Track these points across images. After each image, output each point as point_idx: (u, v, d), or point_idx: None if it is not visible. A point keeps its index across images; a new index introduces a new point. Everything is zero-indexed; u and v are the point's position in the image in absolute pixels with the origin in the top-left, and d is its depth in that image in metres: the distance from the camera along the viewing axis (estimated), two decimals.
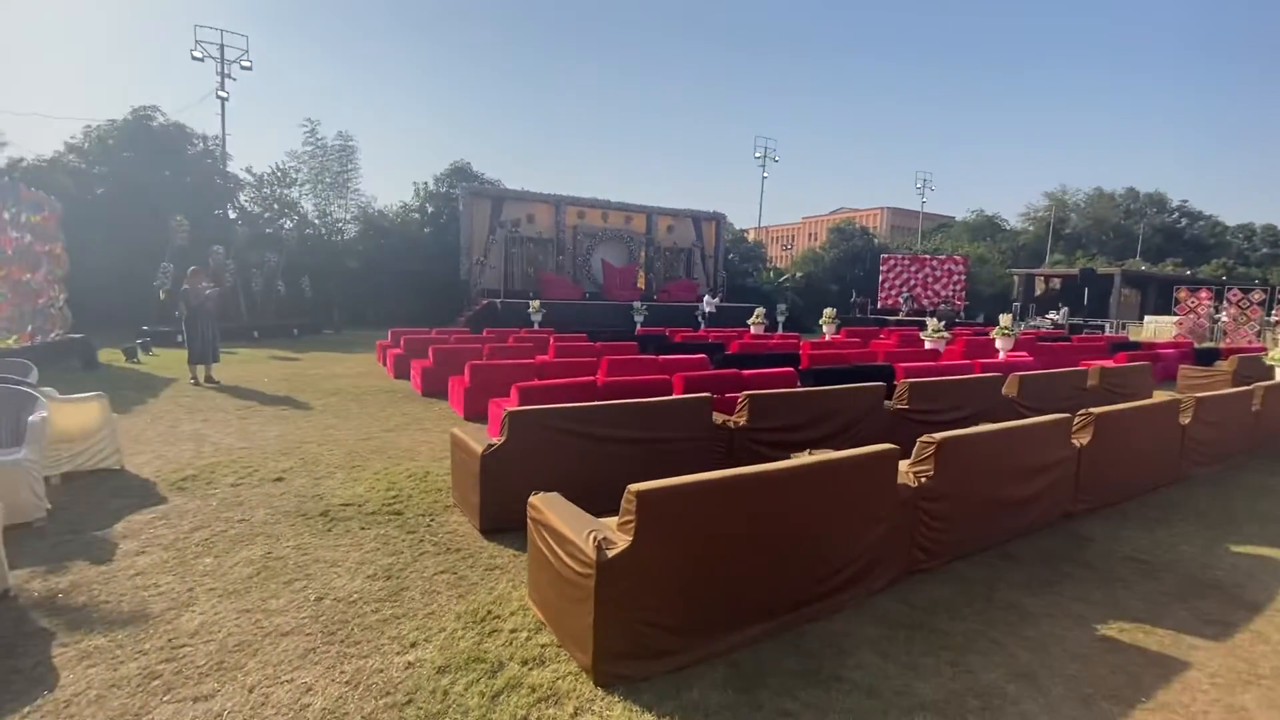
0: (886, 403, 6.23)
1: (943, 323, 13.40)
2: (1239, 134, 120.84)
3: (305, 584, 3.56)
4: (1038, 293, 39.48)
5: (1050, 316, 28.65)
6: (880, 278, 31.80)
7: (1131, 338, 22.37)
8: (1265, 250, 66.83)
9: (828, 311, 19.03)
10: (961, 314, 29.97)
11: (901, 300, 29.38)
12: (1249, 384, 8.70)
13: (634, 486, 2.68)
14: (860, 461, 3.36)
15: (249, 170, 25.45)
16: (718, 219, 32.80)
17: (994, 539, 4.16)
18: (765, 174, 36.77)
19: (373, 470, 5.65)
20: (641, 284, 30.17)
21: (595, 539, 2.70)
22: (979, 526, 4.04)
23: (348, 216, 27.61)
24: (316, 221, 26.48)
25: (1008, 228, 72.13)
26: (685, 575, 2.81)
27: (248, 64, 24.35)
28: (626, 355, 9.65)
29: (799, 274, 34.78)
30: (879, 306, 31.78)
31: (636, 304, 23.87)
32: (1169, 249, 66.83)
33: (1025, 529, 4.38)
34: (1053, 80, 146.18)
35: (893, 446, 3.49)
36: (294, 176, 25.61)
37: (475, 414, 7.73)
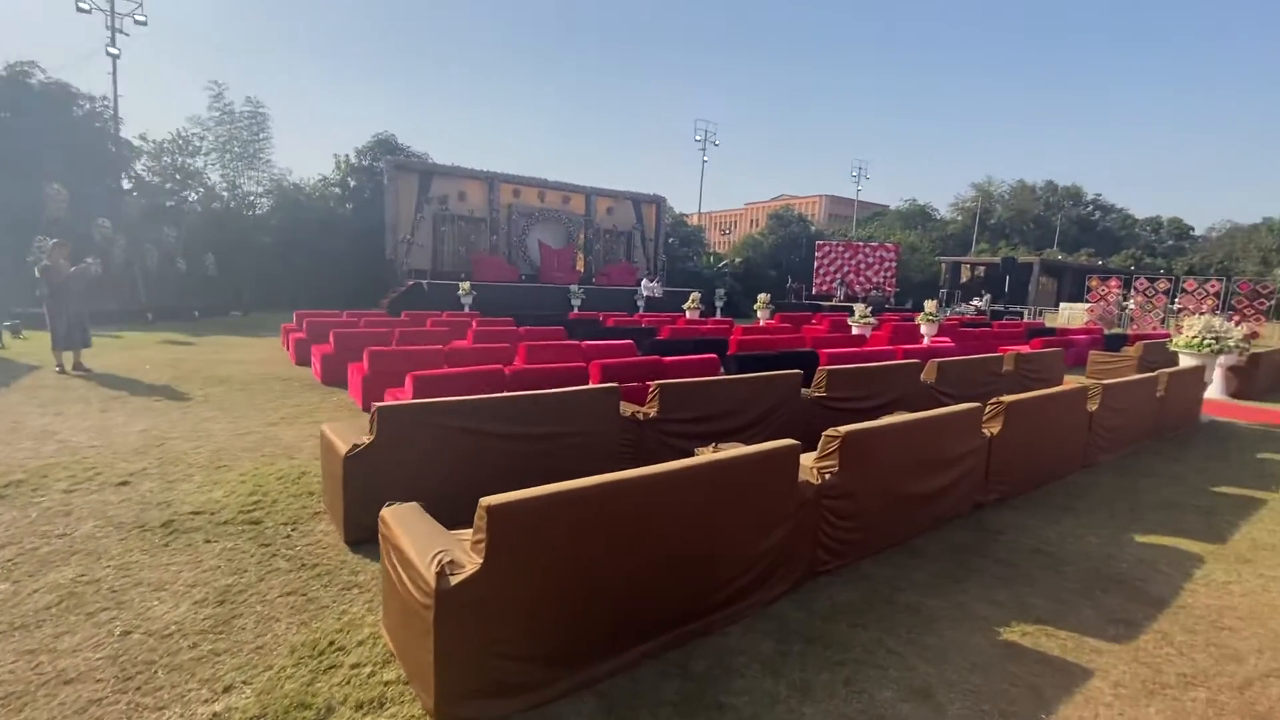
0: (805, 390, 6.02)
1: (870, 308, 13.49)
2: (1152, 131, 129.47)
3: (114, 614, 2.98)
4: (964, 280, 41.13)
5: (974, 303, 29.81)
6: (815, 264, 32.26)
7: (1047, 324, 23.48)
8: (1170, 242, 71.95)
9: (762, 297, 19.04)
10: (892, 300, 30.78)
11: (835, 286, 29.88)
12: (1154, 369, 9.04)
13: (486, 500, 2.26)
14: (757, 460, 3.05)
15: (144, 137, 23.22)
16: (658, 202, 32.42)
17: (902, 535, 3.97)
18: (705, 158, 36.66)
19: (239, 471, 5.00)
20: (580, 267, 29.57)
21: (439, 562, 2.28)
22: (887, 523, 3.83)
23: (260, 190, 25.69)
24: (225, 194, 24.48)
25: (938, 217, 75.00)
26: (550, 598, 2.42)
27: (142, 18, 22.07)
28: (550, 341, 9.16)
29: (738, 259, 34.91)
30: (814, 292, 32.30)
31: (574, 287, 23.31)
32: (1084, 240, 71.05)
33: (935, 522, 4.23)
34: (984, 74, 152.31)
35: (793, 443, 3.20)
36: (198, 145, 23.52)
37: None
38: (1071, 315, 30.32)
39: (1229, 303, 24.16)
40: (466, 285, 20.34)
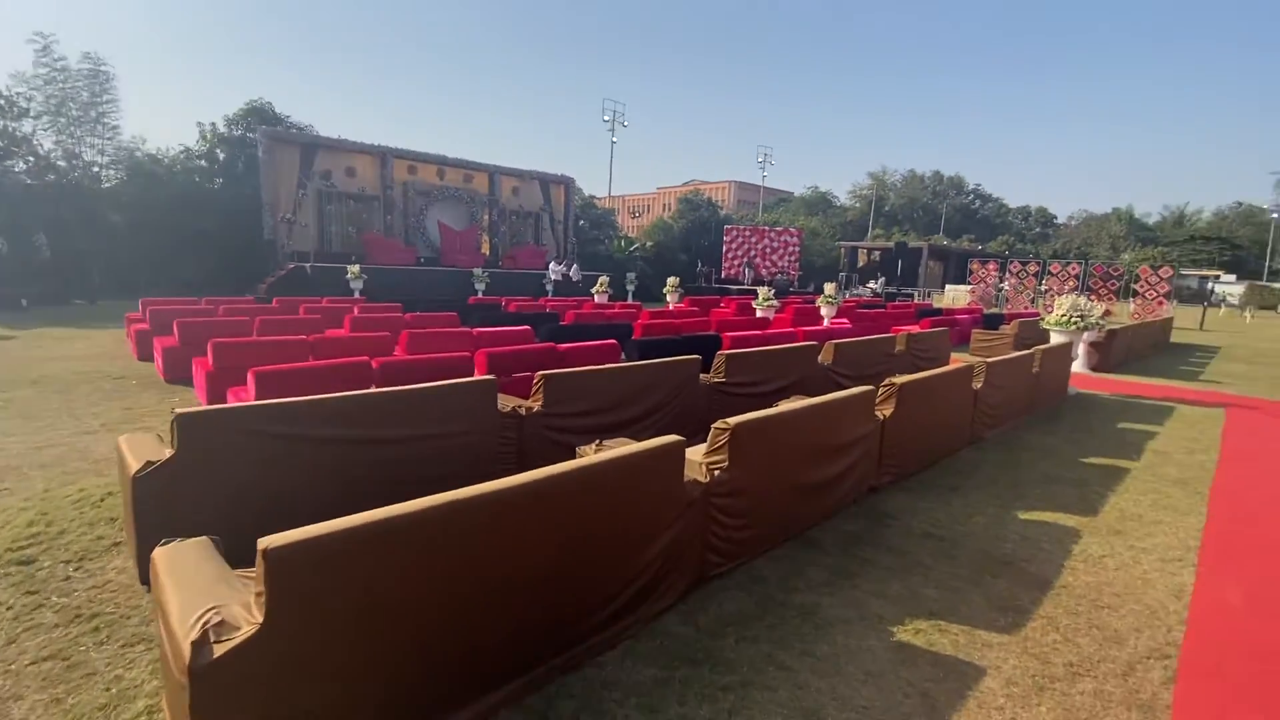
0: (704, 376, 5.76)
1: (772, 291, 13.60)
2: (1024, 124, 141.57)
3: None
4: (861, 264, 43.23)
5: (870, 286, 31.29)
6: (724, 248, 32.67)
7: (935, 305, 24.98)
8: (1038, 229, 78.99)
9: (671, 280, 18.89)
10: (795, 283, 31.73)
11: (743, 270, 30.39)
12: (1028, 346, 9.58)
13: (265, 542, 1.73)
14: (637, 461, 2.68)
15: None
16: (566, 183, 31.55)
17: (798, 527, 3.77)
18: (614, 139, 36.08)
19: (23, 496, 4.07)
20: (486, 249, 28.30)
21: (203, 625, 1.73)
22: (781, 517, 3.60)
23: (105, 160, 22.50)
24: (63, 165, 21.24)
25: (838, 204, 78.57)
26: (365, 654, 1.93)
27: None
28: (438, 329, 8.43)
29: (649, 243, 34.75)
30: (724, 276, 32.72)
31: (477, 271, 22.20)
32: (966, 226, 76.80)
33: (830, 510, 4.06)
34: (881, 67, 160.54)
35: (677, 439, 2.85)
36: (24, 106, 20.14)
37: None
38: (956, 296, 32.56)
39: (1086, 284, 26.72)
40: (356, 269, 18.82)
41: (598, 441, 3.52)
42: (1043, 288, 28.18)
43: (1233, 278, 45.46)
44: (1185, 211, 65.79)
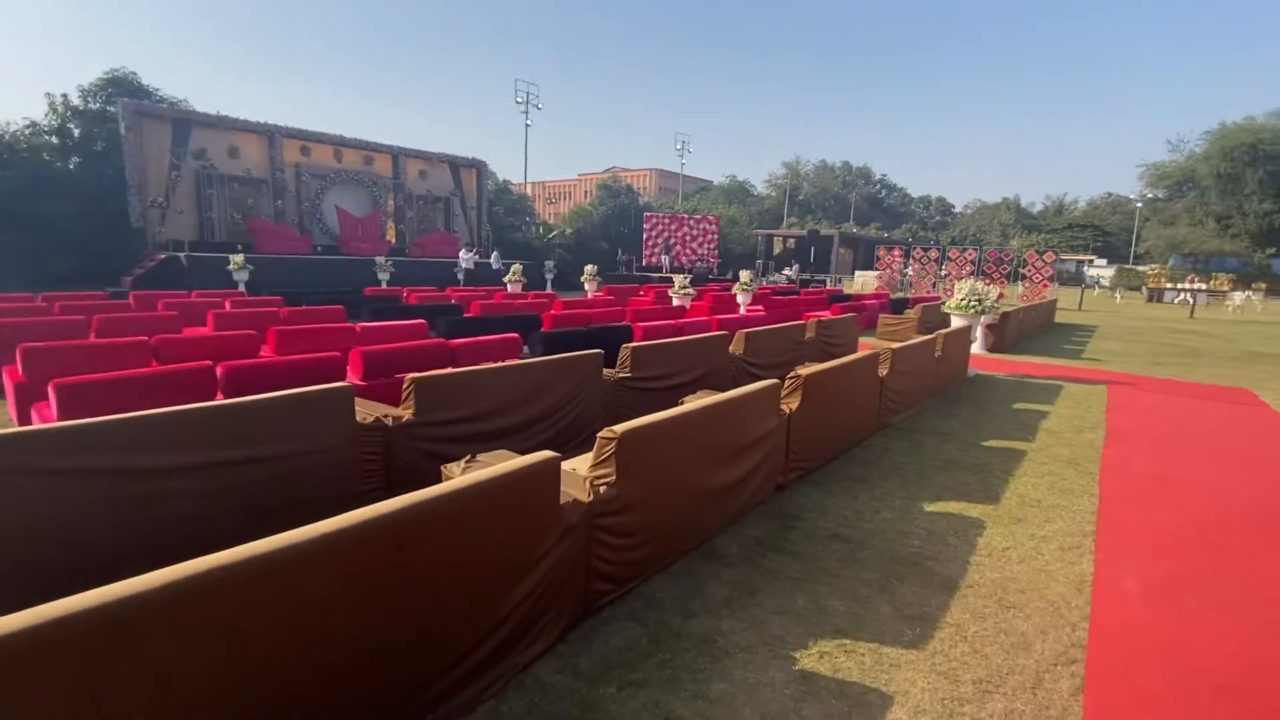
0: (609, 371, 5.37)
1: (689, 279, 13.42)
2: (924, 116, 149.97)
3: None
4: (777, 251, 44.26)
5: (785, 273, 31.99)
6: (644, 235, 32.44)
7: (845, 290, 25.82)
8: (938, 218, 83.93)
9: (589, 268, 18.40)
10: (714, 270, 31.99)
11: (662, 257, 30.27)
12: (930, 329, 9.82)
13: None
14: (500, 485, 2.23)
15: None
16: (478, 166, 30.25)
17: (699, 537, 3.45)
18: (528, 121, 34.85)
19: None
20: (391, 236, 26.71)
21: None
22: (680, 529, 3.27)
23: None
24: None
25: (756, 193, 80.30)
26: None
27: None
28: (316, 325, 7.58)
29: (568, 230, 34.00)
30: (644, 263, 32.53)
31: (380, 259, 20.76)
32: (873, 215, 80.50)
33: (736, 514, 3.78)
34: (793, 59, 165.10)
35: (549, 456, 2.43)
36: None
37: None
38: (865, 282, 33.89)
39: (981, 269, 28.46)
40: (239, 258, 17.08)
41: (469, 457, 3.04)
42: (943, 273, 29.81)
43: (1104, 262, 50.04)
44: (1064, 201, 71.75)
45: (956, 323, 9.32)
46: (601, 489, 2.73)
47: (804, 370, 4.47)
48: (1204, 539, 3.83)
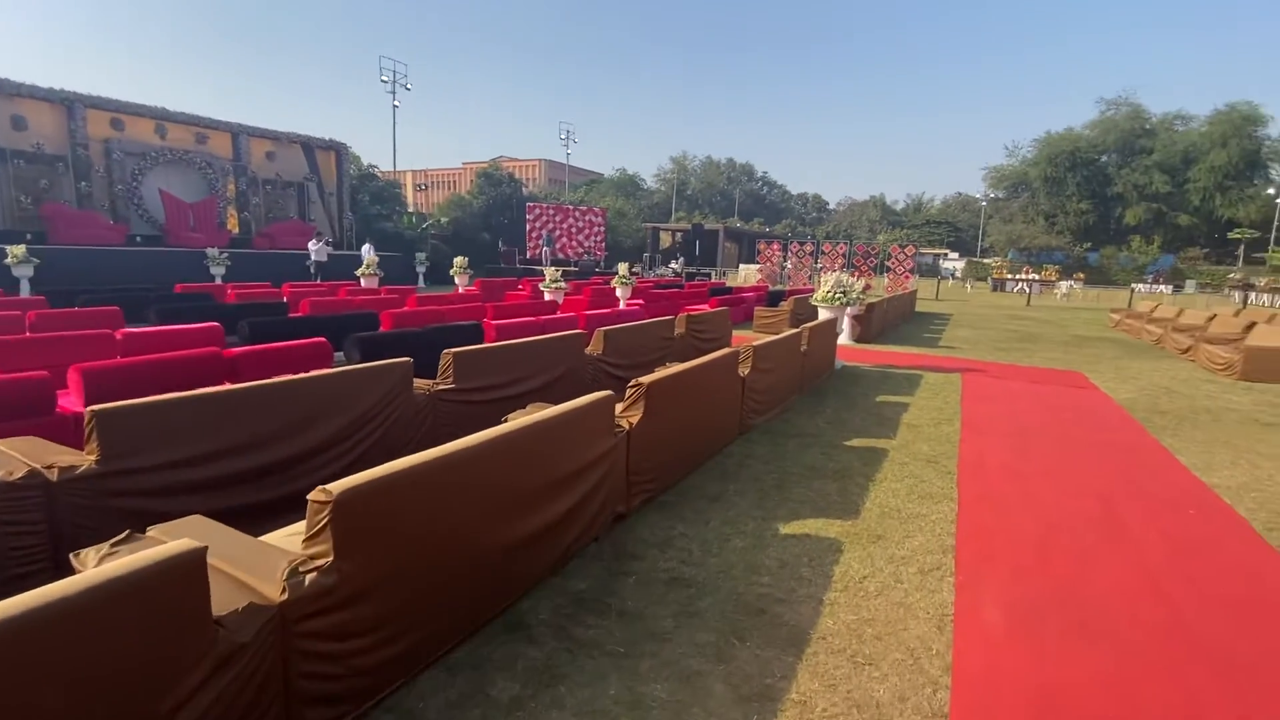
0: (423, 384, 4.45)
1: (560, 271, 12.60)
2: (802, 116, 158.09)
3: None
4: (664, 245, 44.48)
5: (671, 266, 32.02)
6: (527, 227, 31.11)
7: (728, 283, 26.13)
8: (815, 214, 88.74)
9: (459, 260, 17.06)
10: (601, 264, 31.35)
11: (542, 249, 29.14)
12: (803, 320, 9.70)
13: None
14: (102, 594, 1.33)
15: None
16: (338, 149, 27.49)
17: (494, 606, 2.68)
18: (396, 102, 32.20)
19: None
20: (233, 225, 23.59)
21: None
22: (457, 604, 2.47)
23: None
24: None
25: (645, 186, 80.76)
26: None
27: None
28: (51, 333, 5.97)
29: (444, 220, 31.90)
30: (529, 256, 31.22)
31: (213, 252, 18.15)
32: (756, 210, 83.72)
33: (555, 564, 3.05)
34: (678, 55, 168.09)
35: (188, 548, 1.55)
36: None
37: None
38: (748, 275, 34.78)
39: (851, 261, 29.99)
40: (19, 250, 14.13)
41: (119, 537, 2.06)
42: (818, 266, 31.14)
43: (956, 255, 55.01)
44: (922, 199, 78.35)
45: (823, 315, 9.23)
46: (311, 576, 1.87)
47: (647, 378, 3.82)
48: (1057, 543, 3.62)
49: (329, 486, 1.91)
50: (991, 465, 5.01)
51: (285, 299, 10.72)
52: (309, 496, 1.93)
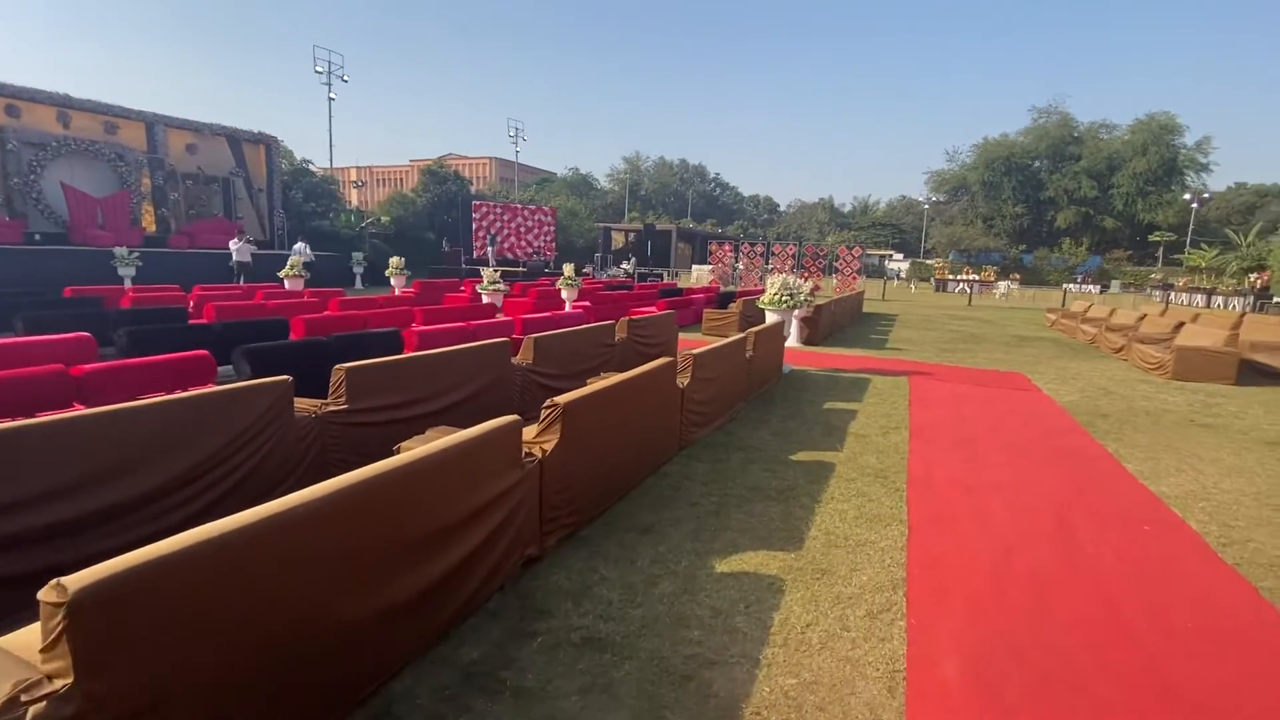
0: (309, 405, 3.85)
1: (498, 272, 11.98)
2: (752, 118, 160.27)
3: None
4: (617, 245, 44.03)
5: (623, 266, 31.60)
6: (474, 225, 30.13)
7: (680, 284, 25.89)
8: (766, 215, 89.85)
9: (394, 261, 16.15)
10: (551, 264, 30.67)
11: (487, 248, 28.26)
12: (752, 322, 9.40)
13: None
14: None
15: None
16: (267, 142, 25.95)
17: (350, 699, 2.15)
18: (332, 94, 30.63)
19: None
20: (149, 223, 21.92)
21: None
22: (294, 707, 1.94)
23: None
24: None
25: (599, 186, 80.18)
26: None
27: None
28: None
29: (386, 218, 30.59)
30: (475, 256, 30.25)
31: (120, 251, 16.68)
32: (709, 211, 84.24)
33: (445, 627, 2.55)
34: (633, 54, 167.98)
35: None
36: None
37: None
38: (700, 275, 34.72)
39: (801, 262, 30.25)
40: None
41: None
42: (769, 267, 31.29)
43: (901, 256, 56.52)
44: (869, 202, 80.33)
45: (770, 318, 8.95)
46: (32, 711, 1.32)
47: (565, 397, 3.34)
48: (1013, 571, 3.33)
49: (64, 580, 1.36)
50: (941, 479, 4.74)
51: (191, 304, 9.76)
52: (39, 595, 1.38)
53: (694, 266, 37.77)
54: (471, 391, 4.86)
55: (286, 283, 13.87)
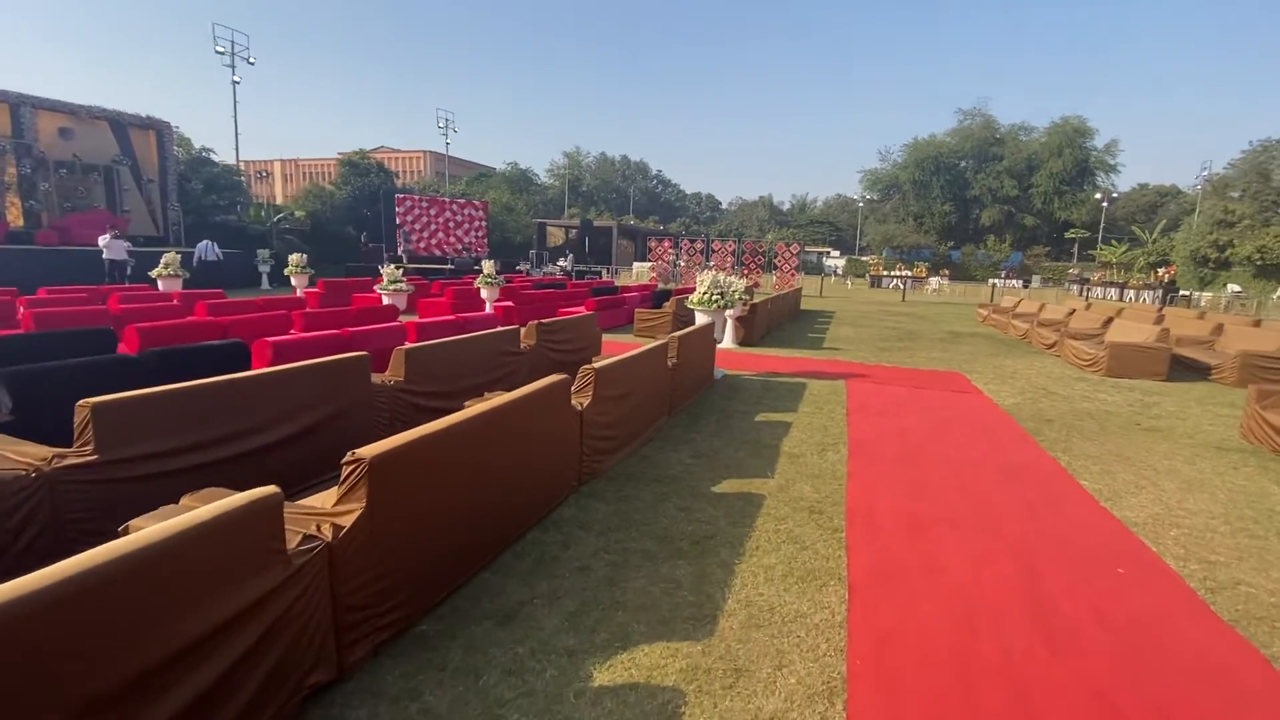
0: (37, 456, 2.73)
1: (400, 270, 10.74)
2: (694, 117, 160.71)
3: None
4: (556, 242, 42.73)
5: (560, 264, 30.46)
6: (397, 220, 28.28)
7: (617, 282, 25.01)
8: (709, 213, 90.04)
9: (294, 259, 14.55)
10: (481, 261, 29.18)
11: (400, 243, 26.54)
12: (687, 322, 8.59)
13: None
14: None
15: None
16: (158, 128, 23.50)
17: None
18: (236, 77, 28.02)
19: None
20: (15, 216, 19.35)
21: None
22: None
23: None
24: None
25: (539, 182, 78.30)
26: None
27: None
28: None
29: (300, 213, 28.34)
30: (399, 253, 28.42)
31: None
32: (652, 208, 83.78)
33: None
34: (573, 49, 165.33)
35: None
36: None
37: None
38: (640, 272, 33.96)
39: (740, 259, 29.92)
40: None
41: None
42: (710, 263, 30.83)
43: (838, 253, 57.54)
44: (806, 200, 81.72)
45: (700, 319, 8.17)
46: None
47: (372, 449, 2.35)
48: (980, 656, 2.59)
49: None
50: (884, 511, 4.03)
51: (21, 310, 8.14)
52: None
53: (635, 263, 36.97)
54: (309, 424, 3.80)
55: (160, 283, 12.15)
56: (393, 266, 10.41)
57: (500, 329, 6.28)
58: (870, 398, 7.40)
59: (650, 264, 31.62)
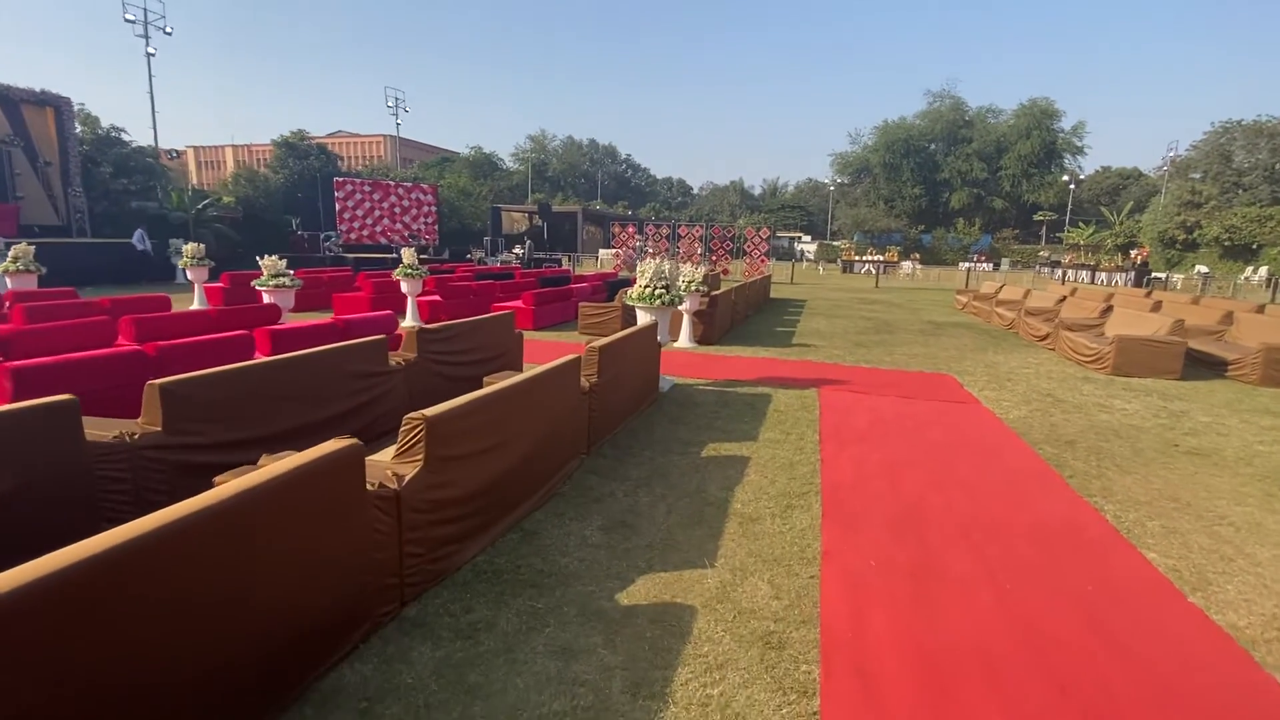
0: None
1: (284, 261, 8.95)
2: (664, 99, 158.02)
3: None
4: (518, 228, 40.74)
5: (516, 251, 28.62)
6: (337, 206, 26.11)
7: (579, 270, 23.37)
8: (680, 198, 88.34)
9: (188, 249, 12.55)
10: (431, 249, 27.22)
11: (345, 233, 24.49)
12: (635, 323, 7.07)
13: None
14: None
15: None
16: (57, 105, 21.01)
17: None
18: (151, 49, 25.33)
19: None
20: None
21: None
22: None
23: None
24: None
25: (504, 167, 75.59)
26: None
27: None
28: None
29: (229, 199, 25.96)
30: (342, 241, 26.28)
31: None
32: (621, 193, 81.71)
33: None
34: (535, 31, 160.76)
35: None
36: None
37: None
38: (604, 259, 32.32)
39: (709, 245, 28.47)
40: None
41: None
42: (678, 249, 29.31)
43: (809, 238, 56.47)
44: (778, 184, 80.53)
45: (642, 319, 6.66)
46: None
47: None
48: None
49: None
50: (879, 645, 2.59)
51: None
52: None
53: (601, 250, 35.30)
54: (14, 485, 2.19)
55: (9, 281, 10.17)
56: (273, 258, 8.66)
57: (358, 341, 4.65)
58: (848, 415, 6.00)
59: (615, 251, 29.96)
